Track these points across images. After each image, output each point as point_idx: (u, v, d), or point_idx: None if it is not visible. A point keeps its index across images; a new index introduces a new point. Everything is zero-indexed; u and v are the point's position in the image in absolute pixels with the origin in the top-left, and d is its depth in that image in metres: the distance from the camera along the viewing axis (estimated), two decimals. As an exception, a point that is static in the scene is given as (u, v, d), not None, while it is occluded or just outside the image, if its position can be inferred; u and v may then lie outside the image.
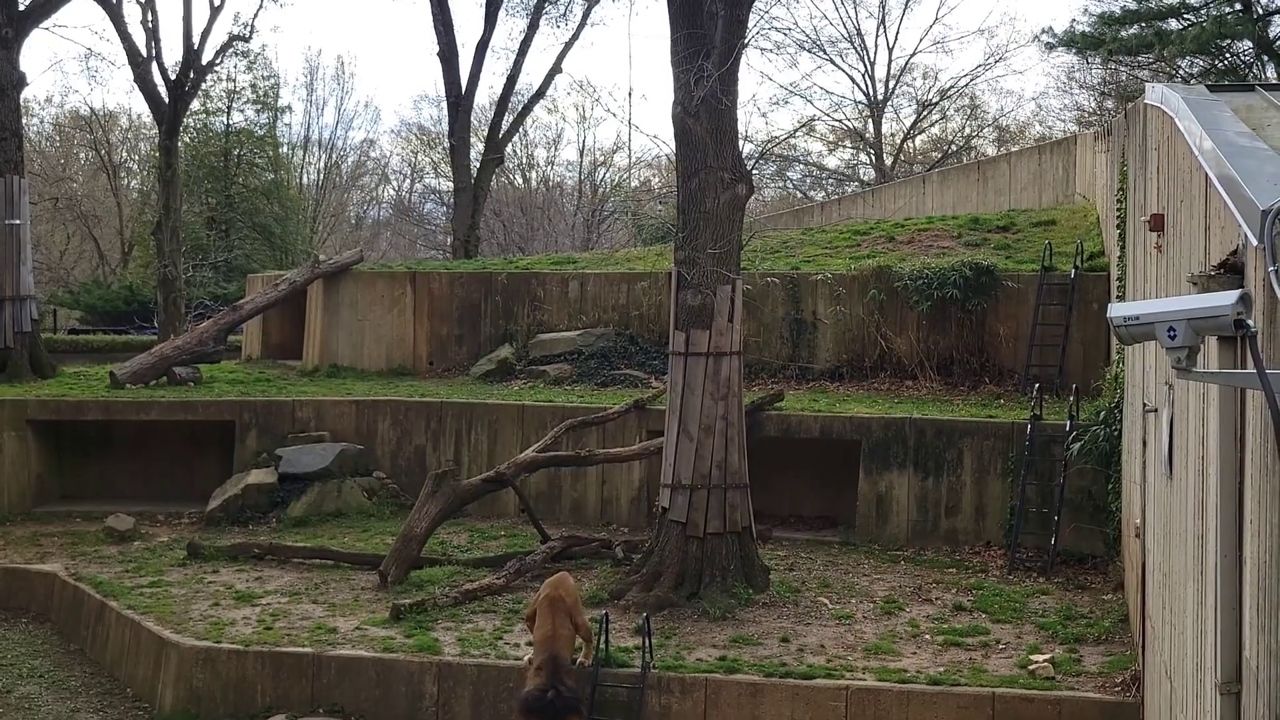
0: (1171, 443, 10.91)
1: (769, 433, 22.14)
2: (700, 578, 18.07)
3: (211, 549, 20.90)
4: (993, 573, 19.89)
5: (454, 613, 17.65)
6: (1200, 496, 8.72)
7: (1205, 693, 8.41)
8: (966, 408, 22.95)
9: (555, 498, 23.20)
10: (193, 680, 16.46)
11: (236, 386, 26.17)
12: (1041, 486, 20.71)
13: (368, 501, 23.29)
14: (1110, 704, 14.71)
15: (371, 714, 16.01)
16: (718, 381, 18.27)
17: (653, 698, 15.56)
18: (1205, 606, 8.43)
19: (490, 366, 26.84)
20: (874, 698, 15.18)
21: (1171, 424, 10.88)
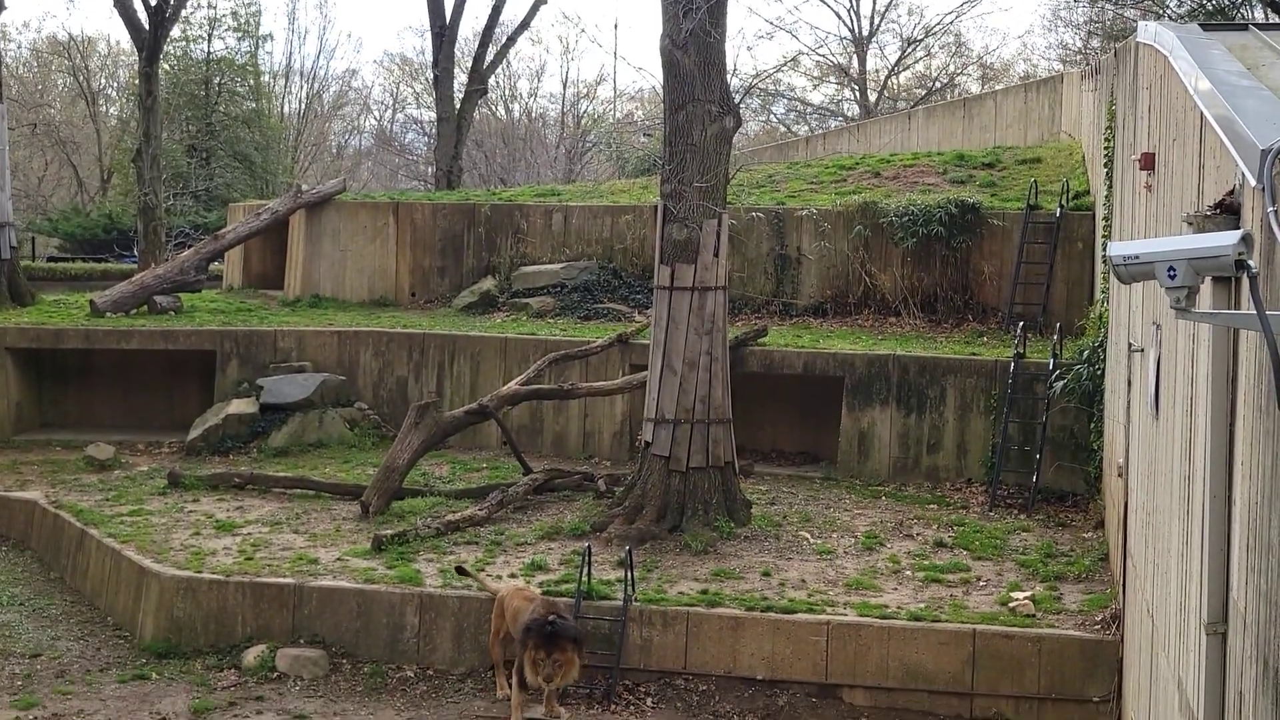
0: (1158, 383, 10.91)
1: (752, 368, 22.12)
2: (682, 511, 18.09)
3: (192, 478, 20.84)
4: (974, 510, 19.96)
5: (436, 544, 17.65)
6: (1188, 437, 8.72)
7: (1189, 632, 8.44)
8: (950, 345, 22.95)
9: (537, 431, 23.18)
10: (173, 610, 16.45)
11: (218, 316, 26.04)
12: (1024, 424, 20.76)
13: (349, 432, 23.24)
14: (1090, 641, 14.79)
15: (353, 645, 16.03)
16: (702, 316, 18.22)
17: (634, 630, 15.61)
18: (1191, 547, 8.45)
19: (473, 299, 26.74)
20: (855, 633, 15.24)
21: (1159, 364, 10.87)
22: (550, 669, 13.95)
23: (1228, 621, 6.98)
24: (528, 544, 17.83)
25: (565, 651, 13.98)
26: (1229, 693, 6.93)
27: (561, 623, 14.07)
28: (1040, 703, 14.85)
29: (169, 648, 16.25)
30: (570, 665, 14.05)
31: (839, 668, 15.23)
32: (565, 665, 14.01)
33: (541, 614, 14.27)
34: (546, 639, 13.91)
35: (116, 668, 16.02)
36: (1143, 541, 12.22)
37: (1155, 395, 11.02)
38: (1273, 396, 5.75)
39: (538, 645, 13.96)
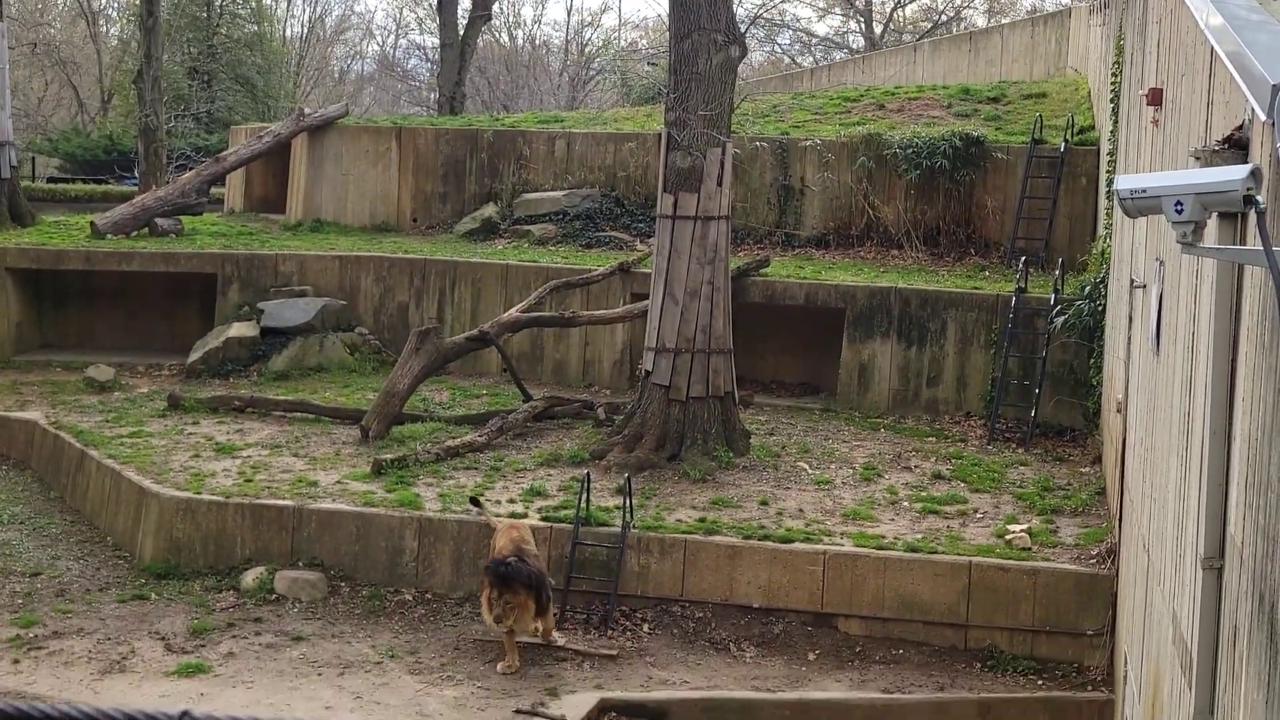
0: (1160, 319, 10.90)
1: (753, 299, 22.10)
2: (681, 440, 18.13)
3: (192, 401, 20.87)
4: (972, 443, 20.00)
5: (435, 469, 17.71)
6: (1189, 373, 8.72)
7: (1185, 566, 8.47)
8: (952, 278, 22.92)
9: (538, 358, 23.19)
10: (172, 531, 16.53)
11: (219, 239, 25.99)
12: (1023, 359, 20.77)
13: (350, 357, 23.25)
14: (1085, 575, 14.87)
15: (351, 568, 16.11)
16: (705, 246, 18.19)
17: (632, 558, 15.69)
18: (1189, 482, 8.47)
19: (474, 225, 26.68)
20: (851, 563, 15.33)
21: (1161, 300, 10.86)
22: (501, 609, 13.81)
23: (1224, 557, 7.00)
24: (527, 470, 17.88)
25: (517, 594, 13.81)
26: (1224, 627, 6.97)
27: (516, 565, 13.88)
28: (1034, 635, 14.95)
29: (168, 568, 16.34)
30: (522, 609, 13.86)
31: (835, 597, 15.33)
32: (517, 609, 13.83)
33: (506, 554, 14.16)
34: (499, 579, 13.82)
35: (116, 587, 16.11)
36: (1140, 477, 12.25)
37: (1156, 331, 11.01)
38: (1276, 333, 5.75)
39: (491, 584, 13.88)
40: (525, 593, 13.82)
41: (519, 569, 13.87)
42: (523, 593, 13.81)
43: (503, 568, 13.83)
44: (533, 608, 13.91)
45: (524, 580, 13.85)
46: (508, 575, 13.79)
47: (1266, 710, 5.56)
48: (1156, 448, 10.76)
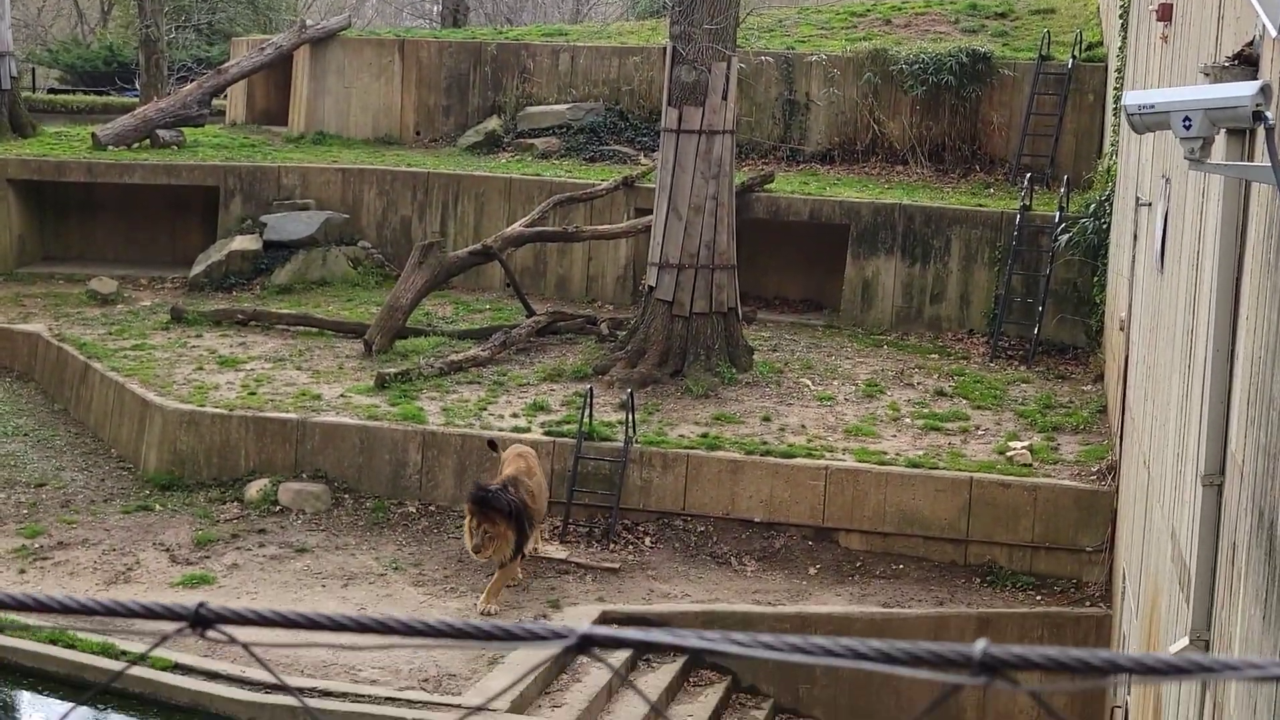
0: (1165, 237, 10.88)
1: (758, 214, 22.04)
2: (684, 356, 18.15)
3: (195, 314, 20.88)
4: (975, 360, 20.02)
5: (439, 383, 17.74)
6: (1193, 292, 8.71)
7: (1185, 484, 8.51)
8: (956, 195, 22.84)
9: (541, 273, 23.16)
10: (176, 443, 16.59)
11: (221, 151, 25.87)
12: (1027, 277, 20.74)
13: (353, 271, 23.22)
14: (1085, 491, 14.94)
15: (355, 480, 16.19)
16: (709, 160, 18.11)
17: (634, 472, 15.76)
18: (1190, 400, 8.48)
19: (477, 138, 26.54)
20: (853, 478, 15.39)
21: (1166, 218, 10.83)
22: (480, 539, 13.37)
23: (1224, 474, 7.03)
24: (530, 385, 17.91)
25: (495, 524, 13.37)
26: (1222, 543, 7.02)
27: (497, 494, 13.40)
28: (1034, 551, 15.04)
29: (172, 480, 16.42)
30: (501, 540, 13.42)
31: (836, 512, 15.41)
32: (496, 539, 13.40)
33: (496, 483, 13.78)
34: (479, 507, 13.37)
35: (120, 498, 16.21)
36: (1142, 394, 12.28)
37: (1161, 249, 10.99)
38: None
39: (471, 513, 13.47)
40: (505, 523, 13.39)
41: (499, 498, 13.36)
42: (502, 523, 13.37)
43: (483, 494, 13.37)
44: (512, 539, 13.47)
45: (504, 510, 13.36)
46: (487, 503, 13.32)
47: (1263, 626, 5.60)
48: (1159, 366, 10.77)
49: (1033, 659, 1.69)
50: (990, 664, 1.65)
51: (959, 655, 1.68)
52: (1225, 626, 6.73)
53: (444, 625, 1.84)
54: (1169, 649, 7.46)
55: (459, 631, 1.83)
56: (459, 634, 1.83)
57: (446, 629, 1.84)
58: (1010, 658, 1.66)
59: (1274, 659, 1.65)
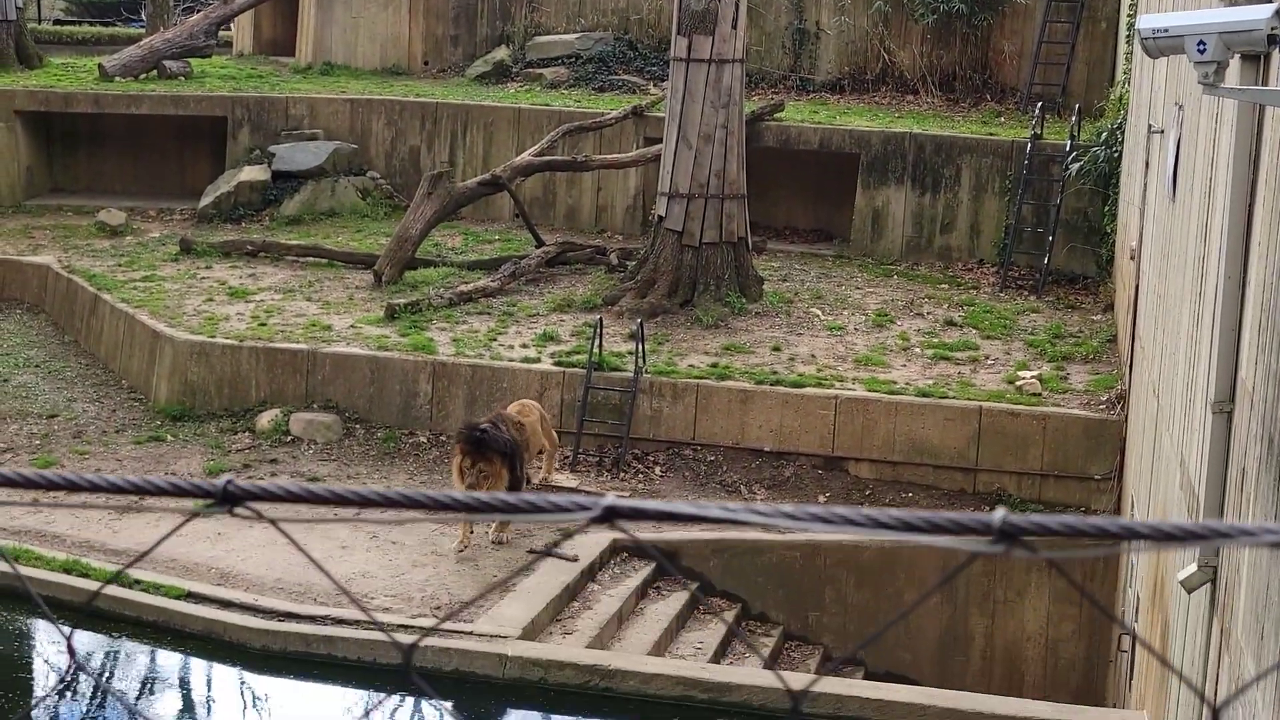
0: (1177, 165, 10.83)
1: (767, 144, 21.94)
2: (694, 286, 18.13)
3: (204, 245, 20.86)
4: (984, 290, 19.99)
5: (449, 314, 17.75)
6: (1205, 220, 8.69)
7: (1194, 411, 8.52)
8: (967, 124, 22.72)
9: (550, 203, 23.09)
10: (187, 374, 16.63)
11: (228, 82, 25.75)
12: (1038, 206, 20.65)
13: (361, 201, 23.17)
14: (1095, 420, 14.96)
15: (365, 410, 16.23)
16: (719, 89, 18.02)
17: (644, 402, 15.79)
18: (1201, 328, 8.48)
19: (486, 68, 26.40)
20: (862, 407, 15.42)
21: (1179, 146, 10.78)
22: (474, 478, 12.78)
23: (1234, 401, 7.04)
24: (540, 316, 17.92)
25: (491, 462, 12.88)
26: (1231, 470, 7.03)
27: (492, 433, 12.98)
28: (1043, 479, 15.09)
29: (183, 411, 16.48)
30: (496, 478, 12.87)
31: (846, 441, 15.44)
32: (491, 477, 12.84)
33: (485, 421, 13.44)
34: (472, 445, 12.88)
35: (132, 429, 16.27)
36: (1152, 323, 12.27)
37: (1173, 177, 10.95)
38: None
39: (464, 451, 12.94)
40: (500, 461, 12.94)
41: (494, 436, 12.96)
42: (497, 460, 12.92)
43: (476, 433, 12.92)
44: (506, 477, 12.99)
45: (499, 448, 12.95)
46: (481, 441, 12.86)
47: (1271, 554, 5.62)
48: (1169, 294, 10.75)
49: (1051, 526, 1.72)
50: (1009, 532, 1.68)
51: (979, 524, 1.70)
52: (1233, 552, 6.75)
53: (471, 499, 1.87)
54: (1177, 575, 7.50)
55: (485, 505, 1.86)
56: (486, 508, 1.85)
57: (475, 503, 1.86)
58: (1029, 525, 1.68)
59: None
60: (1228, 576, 6.90)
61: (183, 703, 11.70)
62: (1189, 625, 8.15)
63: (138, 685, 11.99)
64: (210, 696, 11.83)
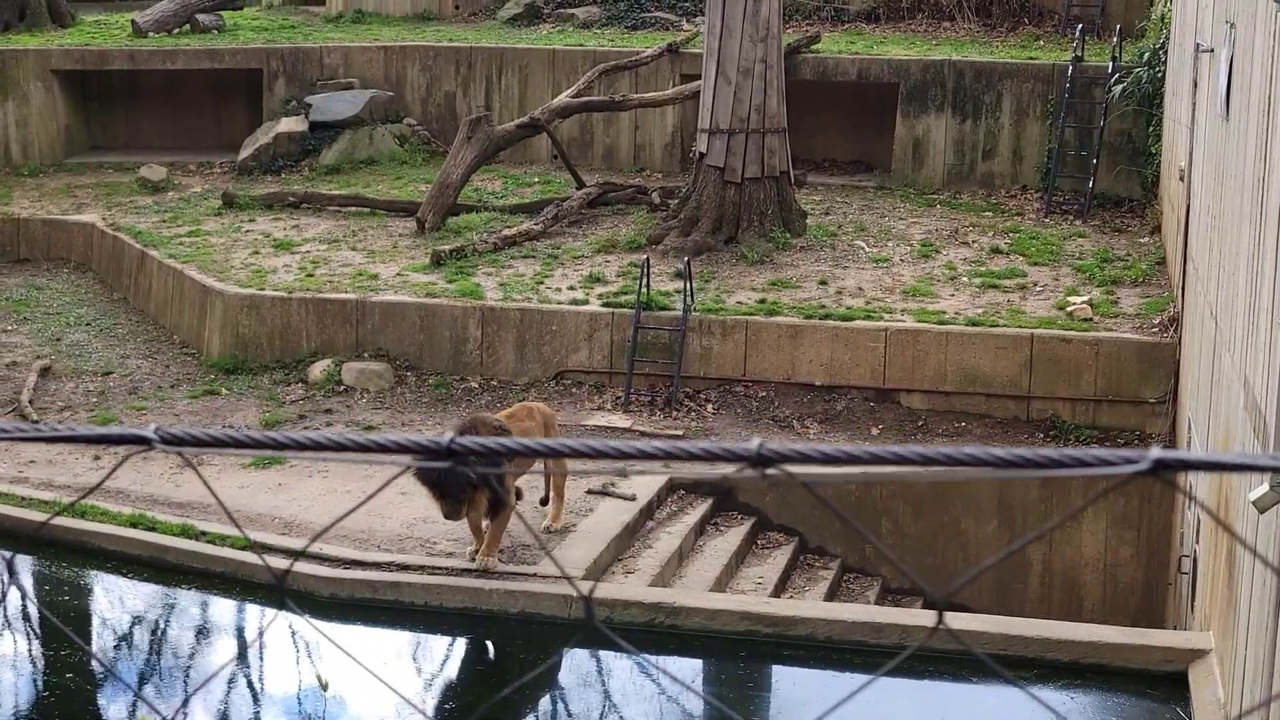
0: (1230, 84, 10.73)
1: (804, 76, 21.82)
2: (738, 222, 18.10)
3: (246, 198, 20.92)
4: (1029, 216, 19.89)
5: (493, 258, 17.78)
6: (1265, 138, 8.62)
7: (1259, 332, 8.48)
8: (1006, 49, 22.54)
9: (588, 144, 23.04)
10: (238, 327, 16.73)
11: (261, 34, 25.73)
12: (1080, 129, 20.50)
13: (399, 149, 23.16)
14: (1148, 344, 14.91)
15: (416, 357, 16.31)
16: (756, 23, 17.92)
17: (693, 340, 15.81)
18: (1264, 248, 8.43)
19: (517, 10, 26.30)
20: (913, 339, 15.40)
21: (1231, 65, 10.68)
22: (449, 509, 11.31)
23: (1306, 320, 7.01)
24: (584, 257, 17.93)
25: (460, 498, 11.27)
26: (1304, 389, 7.01)
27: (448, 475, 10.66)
28: (1096, 405, 15.06)
29: (236, 364, 16.58)
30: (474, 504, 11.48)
31: (896, 373, 15.44)
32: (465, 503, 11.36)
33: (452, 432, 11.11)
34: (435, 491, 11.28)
35: (186, 384, 16.39)
36: (1207, 244, 12.19)
37: (1226, 96, 10.86)
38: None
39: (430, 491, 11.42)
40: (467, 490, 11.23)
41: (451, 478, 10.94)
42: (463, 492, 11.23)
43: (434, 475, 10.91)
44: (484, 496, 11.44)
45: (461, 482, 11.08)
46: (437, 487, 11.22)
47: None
48: (1226, 215, 10.69)
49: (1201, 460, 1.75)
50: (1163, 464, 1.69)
51: (1125, 459, 1.73)
52: (1309, 471, 6.74)
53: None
54: (1248, 496, 7.49)
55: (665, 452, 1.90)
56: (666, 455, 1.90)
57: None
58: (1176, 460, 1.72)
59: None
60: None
61: (258, 652, 11.83)
62: (1259, 545, 8.16)
63: (208, 637, 12.13)
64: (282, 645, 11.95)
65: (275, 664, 11.70)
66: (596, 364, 16.10)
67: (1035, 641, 10.60)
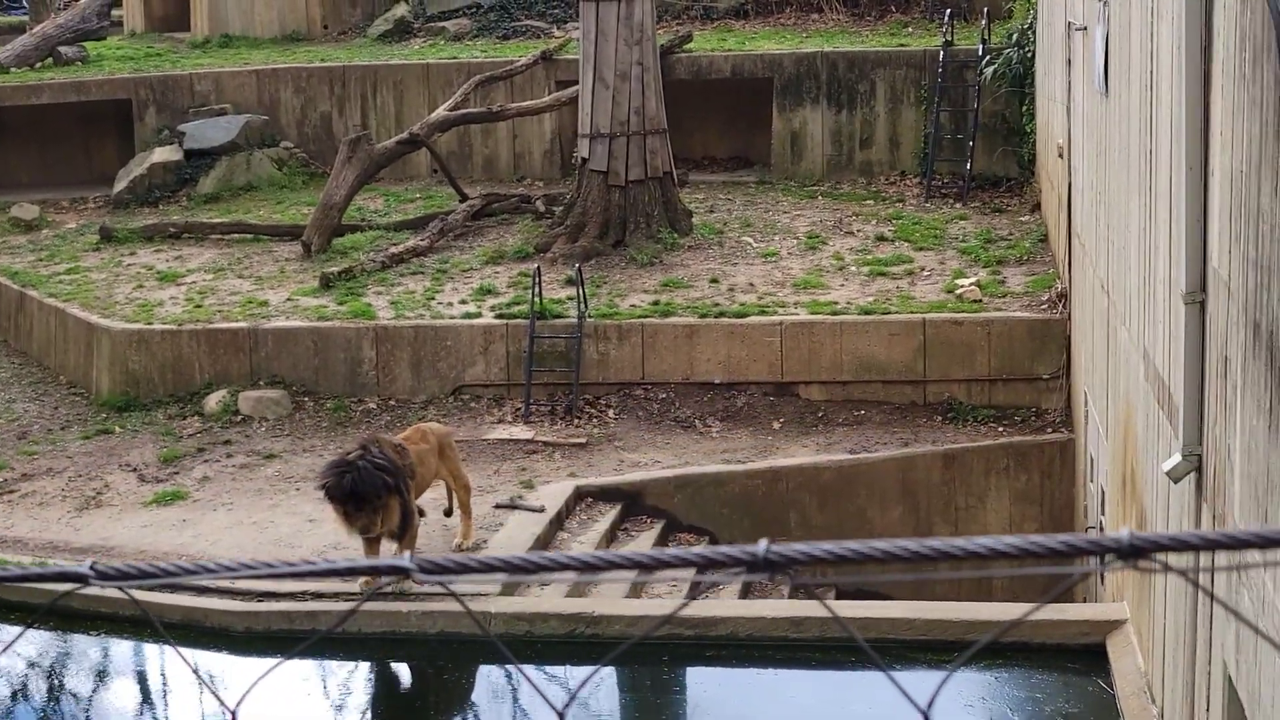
0: (1108, 60, 10.92)
1: (679, 76, 21.88)
2: (625, 225, 18.12)
3: (125, 231, 20.54)
4: (910, 202, 20.11)
5: (383, 277, 17.63)
6: (1150, 113, 8.77)
7: (1156, 303, 8.63)
8: (876, 38, 22.79)
9: (467, 156, 22.92)
10: (128, 363, 16.43)
11: (128, 63, 25.30)
12: (955, 113, 20.77)
13: (278, 173, 22.88)
14: (1038, 321, 15.14)
15: (312, 382, 16.13)
16: (630, 26, 17.95)
17: (590, 346, 15.80)
18: (1157, 221, 8.58)
19: (387, 26, 26.12)
20: (808, 331, 15.51)
21: (1108, 41, 10.87)
22: (365, 521, 11.05)
23: (1206, 290, 7.15)
24: (474, 270, 17.85)
25: (371, 503, 11.01)
26: (1209, 358, 7.15)
27: (366, 473, 10.92)
28: (991, 384, 15.27)
29: (128, 401, 16.29)
30: (388, 512, 11.17)
31: (794, 366, 15.55)
32: (379, 511, 11.09)
33: (353, 453, 11.24)
34: (344, 498, 10.97)
35: (78, 424, 16.07)
36: (1093, 220, 12.40)
37: (1104, 73, 11.04)
38: (1258, 65, 5.79)
39: (338, 507, 11.10)
40: (382, 496, 11.03)
41: (366, 476, 10.89)
42: (377, 498, 11.01)
43: (346, 482, 10.88)
44: (397, 510, 11.22)
45: (374, 487, 10.95)
46: (353, 492, 10.91)
47: (1270, 434, 5.74)
48: (1112, 190, 10.87)
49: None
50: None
51: None
52: (1220, 439, 6.88)
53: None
54: (1162, 467, 7.63)
55: None
56: None
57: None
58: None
59: None
60: (1215, 464, 7.03)
61: (170, 694, 11.63)
62: (1172, 513, 8.30)
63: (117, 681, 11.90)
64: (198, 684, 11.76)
65: (180, 705, 11.51)
66: (494, 377, 16.03)
67: (956, 624, 10.71)
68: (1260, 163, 5.76)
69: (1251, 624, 4.76)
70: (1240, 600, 6.25)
